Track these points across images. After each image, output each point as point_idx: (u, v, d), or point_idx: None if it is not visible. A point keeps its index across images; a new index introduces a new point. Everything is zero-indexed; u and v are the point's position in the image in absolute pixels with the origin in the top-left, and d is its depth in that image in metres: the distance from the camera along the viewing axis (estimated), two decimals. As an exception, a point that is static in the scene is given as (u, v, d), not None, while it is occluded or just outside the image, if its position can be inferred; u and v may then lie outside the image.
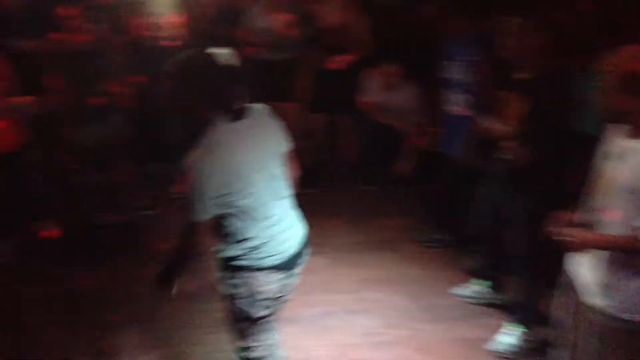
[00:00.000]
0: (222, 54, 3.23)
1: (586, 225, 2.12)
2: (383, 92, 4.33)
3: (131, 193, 4.31)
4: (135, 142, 4.25)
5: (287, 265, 2.18)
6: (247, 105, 2.07)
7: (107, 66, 3.87)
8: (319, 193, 4.63)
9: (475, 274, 3.48)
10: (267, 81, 4.26)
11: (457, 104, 3.36)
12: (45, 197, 4.17)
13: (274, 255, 2.13)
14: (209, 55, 2.00)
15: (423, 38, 4.24)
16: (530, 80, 2.58)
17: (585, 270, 2.15)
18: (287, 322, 3.15)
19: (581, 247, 2.03)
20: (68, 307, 3.30)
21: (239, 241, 2.09)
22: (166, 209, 4.32)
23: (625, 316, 1.98)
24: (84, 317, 3.23)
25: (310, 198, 4.53)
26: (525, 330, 2.97)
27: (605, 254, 2.03)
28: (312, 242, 3.83)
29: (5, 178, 3.65)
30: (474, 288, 3.36)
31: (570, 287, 2.27)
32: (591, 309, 2.10)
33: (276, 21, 4.17)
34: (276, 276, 2.15)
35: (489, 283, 3.31)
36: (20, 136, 3.68)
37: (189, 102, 2.01)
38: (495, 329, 3.07)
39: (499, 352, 2.95)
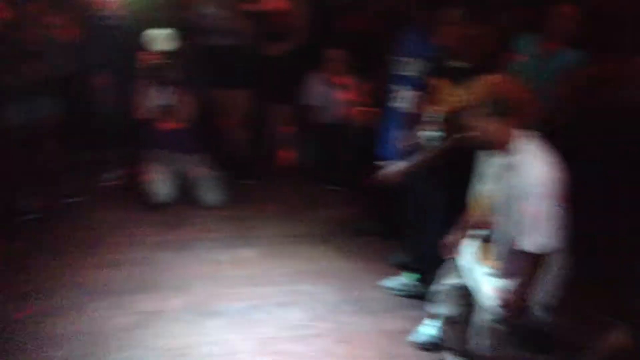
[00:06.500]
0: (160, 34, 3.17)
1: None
2: (325, 90, 4.33)
3: (58, 179, 4.16)
4: (66, 126, 4.11)
5: None
6: None
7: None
8: (254, 184, 4.62)
9: (403, 266, 3.56)
10: (216, 67, 4.20)
11: (405, 101, 3.32)
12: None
13: None
14: None
15: (372, 32, 4.23)
16: (466, 69, 2.62)
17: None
18: (213, 315, 3.16)
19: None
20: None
21: None
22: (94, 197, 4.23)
23: None
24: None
25: (246, 189, 4.53)
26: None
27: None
28: (244, 234, 3.87)
29: None
30: (402, 280, 3.42)
31: None
32: None
33: (222, 7, 4.09)
34: None
35: (417, 275, 3.37)
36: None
37: None
38: (419, 321, 3.15)
39: (420, 344, 3.02)
